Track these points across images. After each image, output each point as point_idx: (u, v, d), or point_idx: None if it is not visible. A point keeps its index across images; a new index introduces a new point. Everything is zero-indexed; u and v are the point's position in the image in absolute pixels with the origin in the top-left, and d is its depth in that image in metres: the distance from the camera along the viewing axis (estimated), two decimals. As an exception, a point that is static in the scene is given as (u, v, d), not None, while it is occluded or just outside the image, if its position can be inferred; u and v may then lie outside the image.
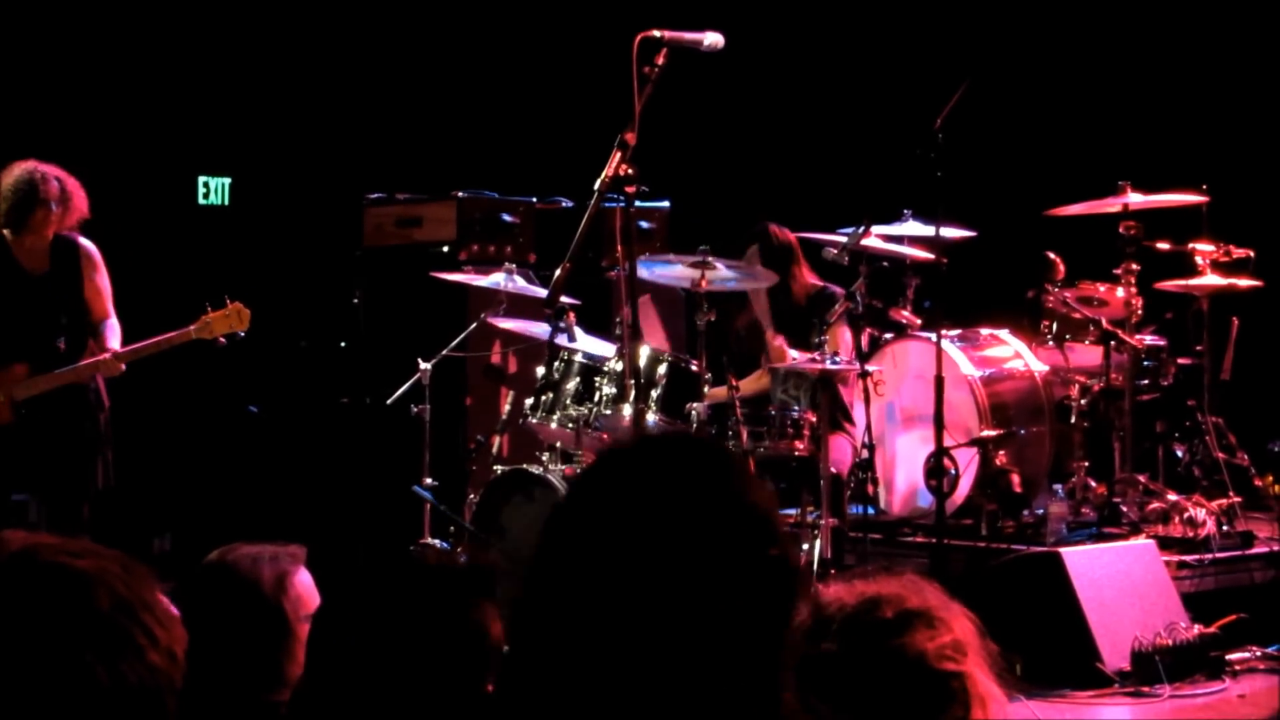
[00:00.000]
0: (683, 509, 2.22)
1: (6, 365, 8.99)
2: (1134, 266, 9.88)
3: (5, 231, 9.03)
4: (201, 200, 12.05)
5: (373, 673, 2.74)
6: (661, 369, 8.98)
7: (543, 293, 8.67)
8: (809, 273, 10.19)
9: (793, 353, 9.78)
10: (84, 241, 9.13)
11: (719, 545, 2.19)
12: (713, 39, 7.62)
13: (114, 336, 9.04)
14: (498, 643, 2.83)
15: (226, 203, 12.12)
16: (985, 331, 10.34)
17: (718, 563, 2.18)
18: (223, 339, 8.99)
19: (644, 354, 8.83)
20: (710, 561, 2.18)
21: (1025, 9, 12.29)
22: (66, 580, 1.93)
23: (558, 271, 7.58)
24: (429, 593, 2.84)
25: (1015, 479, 9.53)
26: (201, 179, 12.04)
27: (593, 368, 9.08)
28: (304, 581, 4.10)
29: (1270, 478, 10.14)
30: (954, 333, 10.09)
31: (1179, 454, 10.18)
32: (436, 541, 9.16)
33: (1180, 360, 10.13)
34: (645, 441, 2.39)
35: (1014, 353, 10.21)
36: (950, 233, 9.74)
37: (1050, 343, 10.11)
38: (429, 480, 9.26)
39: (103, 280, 9.15)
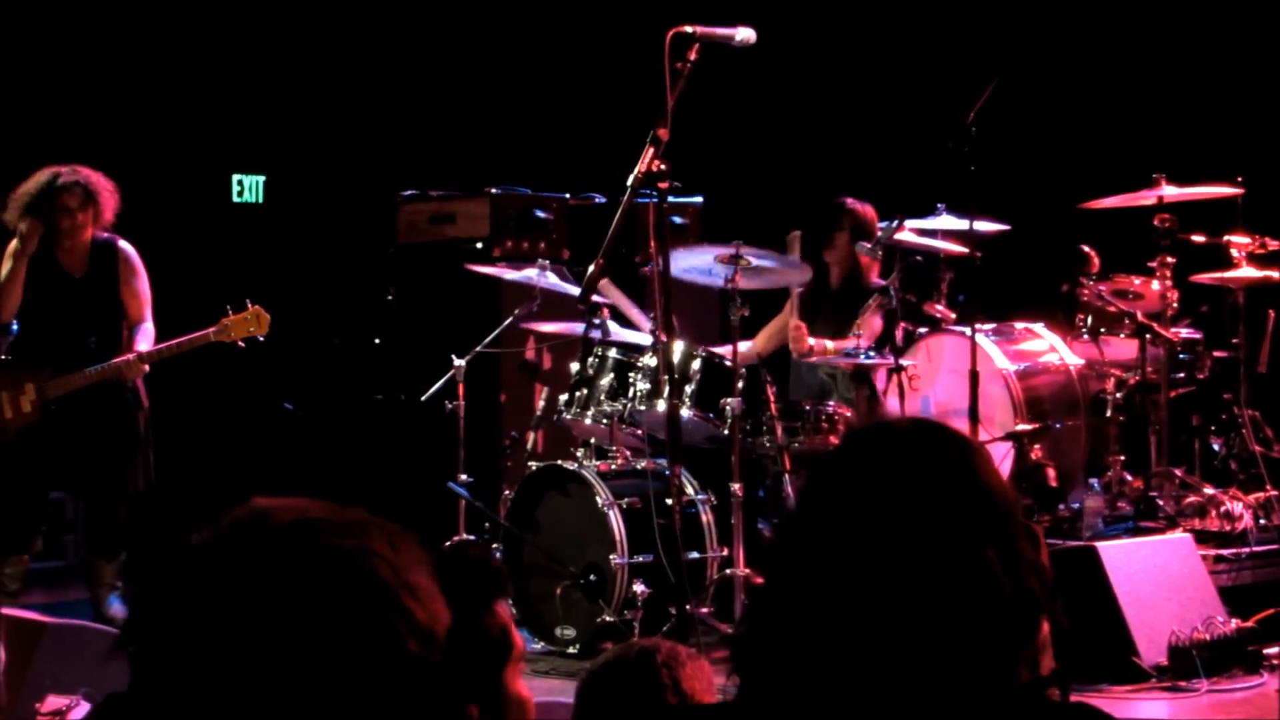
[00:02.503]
0: (927, 487, 2.34)
1: (40, 364, 9.05)
2: (1169, 259, 9.83)
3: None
4: (236, 198, 12.10)
5: None
6: (695, 364, 8.98)
7: (576, 289, 8.68)
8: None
9: (811, 340, 9.74)
10: (124, 245, 9.18)
11: (959, 523, 2.32)
12: (744, 34, 7.61)
13: (144, 340, 9.07)
14: (504, 641, 2.82)
15: (261, 200, 12.15)
16: (1020, 325, 10.31)
17: (958, 540, 2.31)
18: (241, 342, 9.03)
19: (678, 349, 8.83)
20: (951, 539, 2.30)
21: (1058, 1, 12.26)
22: (333, 567, 1.88)
23: (591, 267, 7.58)
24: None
25: (1051, 473, 9.50)
26: (236, 177, 12.08)
27: (627, 363, 9.08)
28: None
29: (1307, 470, 10.10)
30: (988, 327, 10.07)
31: (1215, 447, 10.14)
32: (471, 538, 9.18)
33: (1216, 353, 10.09)
34: (889, 425, 2.50)
35: (1049, 346, 10.18)
36: (984, 226, 9.73)
37: (1085, 336, 10.08)
38: (464, 476, 9.26)
39: (140, 284, 9.19)
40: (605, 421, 9.08)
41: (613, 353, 9.15)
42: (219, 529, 1.91)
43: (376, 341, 11.60)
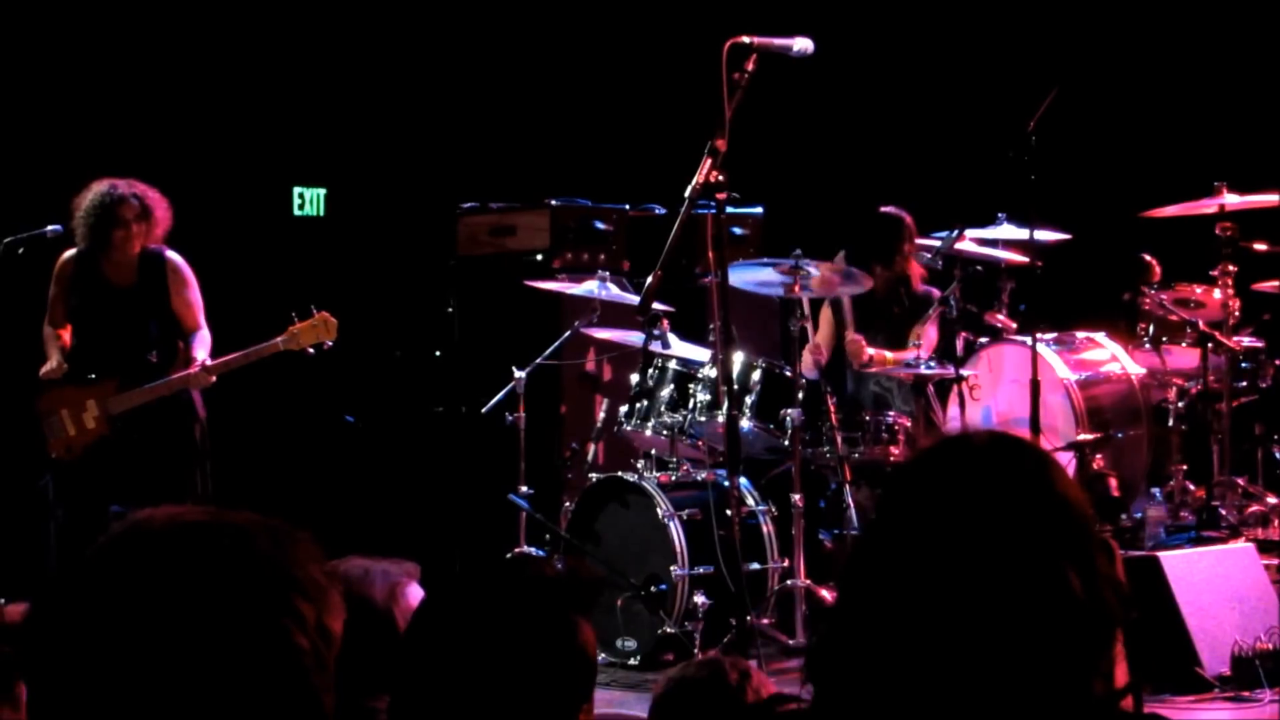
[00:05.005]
0: (1004, 500, 2.37)
1: (100, 380, 9.07)
2: (1231, 268, 9.78)
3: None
4: (297, 211, 12.13)
5: (466, 685, 2.72)
6: (755, 375, 8.98)
7: (636, 300, 8.69)
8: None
9: (870, 350, 9.71)
10: (171, 255, 9.17)
11: (1035, 536, 2.34)
12: (802, 45, 7.61)
13: (202, 348, 9.07)
14: (593, 661, 2.80)
15: (322, 213, 12.19)
16: (1081, 335, 10.28)
17: (1035, 553, 2.33)
18: (310, 349, 9.02)
19: (738, 360, 8.83)
20: (1028, 552, 2.33)
21: (1119, 10, 12.21)
22: (211, 569, 1.91)
23: (650, 279, 7.59)
24: (533, 607, 2.77)
25: (1113, 483, 9.48)
26: (296, 190, 12.11)
27: (687, 375, 9.09)
28: (416, 595, 4.10)
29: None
30: (1050, 336, 10.04)
31: (1278, 456, 10.09)
32: (532, 549, 9.20)
33: (1278, 362, 10.04)
34: (967, 439, 2.51)
35: (1110, 356, 10.15)
36: (1045, 235, 9.70)
37: (1147, 345, 10.04)
38: (524, 488, 9.29)
39: (192, 293, 9.18)
40: (665, 433, 9.10)
41: (673, 364, 9.16)
42: (100, 543, 1.95)
43: (437, 354, 11.63)
